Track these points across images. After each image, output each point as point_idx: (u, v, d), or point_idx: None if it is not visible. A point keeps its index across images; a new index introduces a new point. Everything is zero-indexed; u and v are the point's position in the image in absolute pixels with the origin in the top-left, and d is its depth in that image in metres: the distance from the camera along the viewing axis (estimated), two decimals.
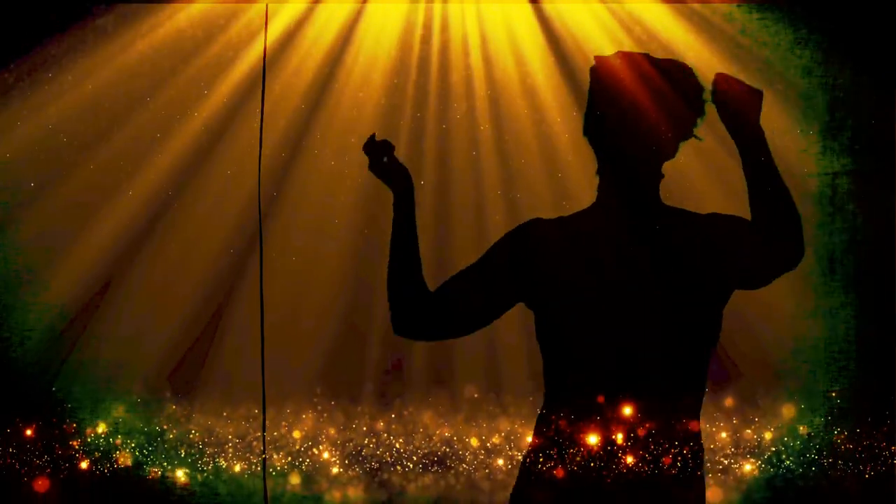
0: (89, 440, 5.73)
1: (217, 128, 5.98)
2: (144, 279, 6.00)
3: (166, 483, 5.72)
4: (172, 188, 5.99)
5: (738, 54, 5.63)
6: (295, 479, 5.70)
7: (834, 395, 5.59)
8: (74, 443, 5.70)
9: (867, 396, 5.52)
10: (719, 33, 5.63)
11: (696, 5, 5.60)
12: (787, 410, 5.59)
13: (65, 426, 5.74)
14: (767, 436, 5.56)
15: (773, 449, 5.53)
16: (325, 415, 5.82)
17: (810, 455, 5.48)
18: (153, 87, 5.92)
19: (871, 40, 5.52)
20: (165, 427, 5.80)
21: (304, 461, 5.72)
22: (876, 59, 5.54)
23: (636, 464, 2.84)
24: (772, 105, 5.66)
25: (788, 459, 5.50)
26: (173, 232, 6.01)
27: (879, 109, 5.56)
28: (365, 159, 2.94)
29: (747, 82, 2.92)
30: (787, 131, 5.66)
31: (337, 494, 5.68)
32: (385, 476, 5.68)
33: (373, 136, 2.98)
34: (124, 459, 5.71)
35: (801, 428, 5.54)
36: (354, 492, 5.69)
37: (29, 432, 5.64)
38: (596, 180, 2.96)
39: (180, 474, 5.72)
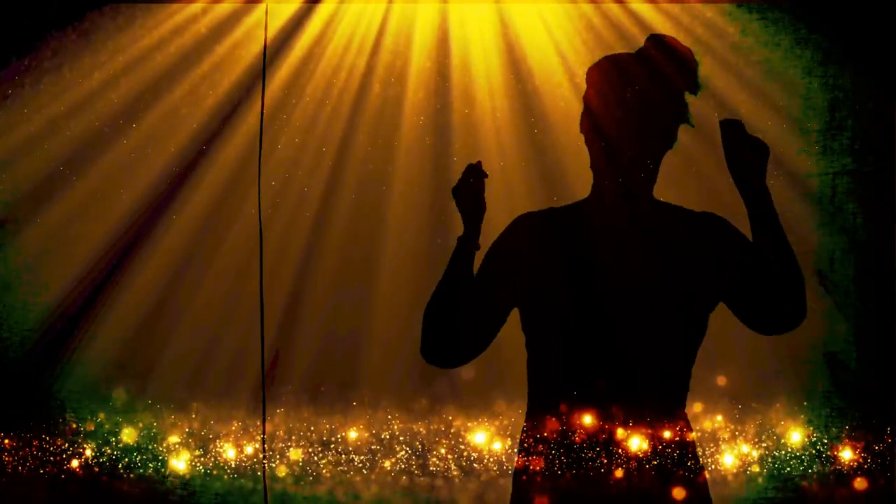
0: (89, 440, 5.73)
1: (217, 127, 5.98)
2: (144, 279, 6.00)
3: (166, 483, 5.72)
4: (172, 188, 5.99)
5: (738, 54, 5.64)
6: (295, 476, 5.70)
7: (834, 395, 5.59)
8: (74, 442, 5.70)
9: (867, 396, 5.52)
10: (719, 33, 5.63)
11: (698, 5, 5.60)
12: (788, 410, 5.59)
13: (65, 426, 5.74)
14: (767, 435, 5.56)
15: (774, 449, 5.53)
16: (324, 411, 5.82)
17: (810, 454, 5.48)
18: (154, 88, 5.92)
19: (871, 40, 5.52)
20: (165, 427, 5.80)
21: (304, 458, 5.72)
22: (876, 59, 5.54)
23: (627, 463, 2.84)
24: (772, 105, 5.67)
25: (789, 459, 5.50)
26: (173, 231, 6.01)
27: (879, 109, 5.56)
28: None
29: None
30: (787, 131, 5.66)
31: (338, 490, 5.68)
32: (386, 470, 5.68)
33: (479, 163, 2.99)
34: (124, 459, 5.71)
35: (802, 427, 5.54)
36: (355, 487, 5.69)
37: (29, 432, 5.64)
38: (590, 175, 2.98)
39: (181, 474, 5.72)
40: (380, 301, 5.96)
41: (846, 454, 5.44)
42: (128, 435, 5.77)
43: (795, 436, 5.53)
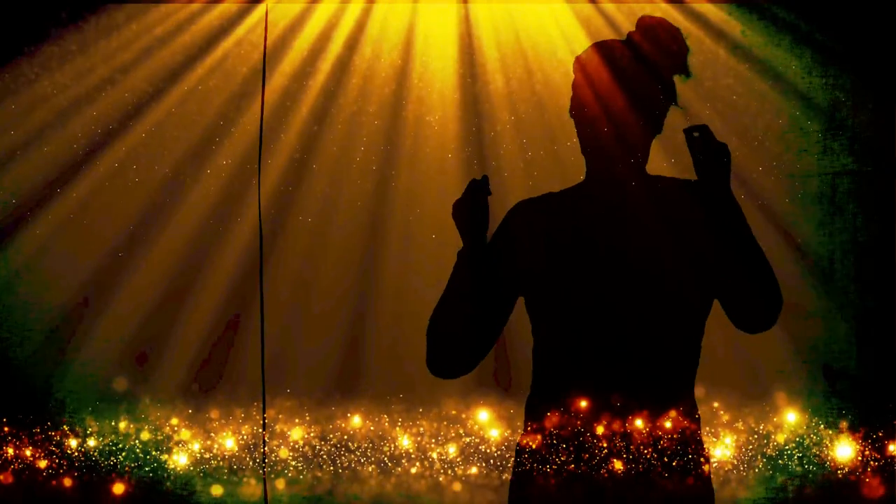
0: (88, 440, 5.73)
1: (220, 126, 5.98)
2: (145, 279, 6.00)
3: (166, 483, 5.72)
4: (174, 188, 5.99)
5: (738, 54, 5.64)
6: (295, 478, 5.70)
7: (834, 395, 5.59)
8: (74, 443, 5.70)
9: (867, 396, 5.52)
10: (719, 33, 5.64)
11: (696, 5, 5.60)
12: (788, 410, 5.59)
13: (64, 426, 5.74)
14: (768, 435, 5.57)
15: (774, 448, 5.53)
16: (325, 412, 5.82)
17: (810, 455, 5.49)
18: (155, 87, 5.92)
19: (871, 40, 5.52)
20: (165, 427, 5.80)
21: (304, 459, 5.73)
22: (876, 59, 5.54)
23: (631, 450, 2.84)
24: (772, 105, 5.67)
25: (789, 459, 5.50)
26: (174, 232, 6.01)
27: (879, 109, 5.56)
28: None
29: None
30: (787, 131, 5.66)
31: (339, 493, 5.69)
32: (386, 472, 5.68)
33: (485, 178, 2.98)
34: (124, 459, 5.72)
35: (802, 427, 5.55)
36: (356, 489, 5.69)
37: (28, 432, 5.64)
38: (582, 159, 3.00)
39: (180, 474, 5.72)
40: (383, 302, 5.96)
41: (846, 454, 5.44)
42: (127, 435, 5.77)
43: (795, 435, 5.54)
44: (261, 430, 5.55)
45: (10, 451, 5.59)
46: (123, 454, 5.74)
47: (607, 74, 2.91)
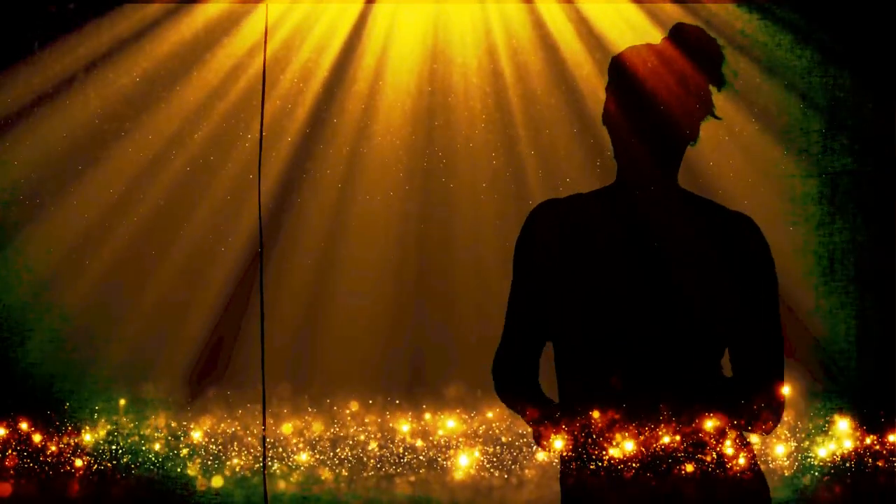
0: (88, 440, 5.73)
1: (223, 126, 5.98)
2: (145, 280, 6.00)
3: (166, 483, 5.72)
4: (176, 189, 5.99)
5: (738, 54, 5.64)
6: (295, 478, 5.70)
7: (834, 395, 5.59)
8: (74, 443, 5.70)
9: (867, 396, 5.52)
10: (719, 33, 5.64)
11: (697, 5, 5.60)
12: (788, 410, 5.59)
13: (65, 426, 5.75)
14: (767, 436, 5.57)
15: (774, 449, 5.53)
16: (326, 413, 5.83)
17: (810, 454, 5.49)
18: (157, 88, 5.92)
19: (871, 40, 5.52)
20: (165, 427, 5.80)
21: (305, 460, 5.73)
22: (876, 59, 5.55)
23: (671, 455, 2.83)
24: (772, 105, 5.67)
25: (789, 459, 5.50)
26: (175, 233, 6.01)
27: (879, 109, 5.57)
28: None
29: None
30: (787, 131, 5.67)
31: (339, 494, 5.69)
32: (389, 475, 5.68)
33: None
34: (123, 459, 5.72)
35: (801, 427, 5.55)
36: (357, 491, 5.69)
37: (29, 432, 5.65)
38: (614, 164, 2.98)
39: (180, 474, 5.72)
40: (391, 303, 5.97)
41: (846, 452, 5.44)
42: (128, 435, 5.77)
43: (795, 436, 5.54)
44: (261, 416, 5.55)
45: (9, 451, 5.59)
46: (123, 454, 5.74)
47: (640, 80, 2.89)
